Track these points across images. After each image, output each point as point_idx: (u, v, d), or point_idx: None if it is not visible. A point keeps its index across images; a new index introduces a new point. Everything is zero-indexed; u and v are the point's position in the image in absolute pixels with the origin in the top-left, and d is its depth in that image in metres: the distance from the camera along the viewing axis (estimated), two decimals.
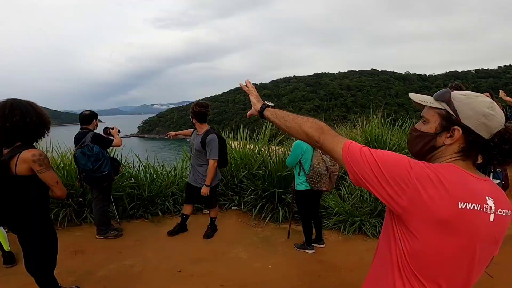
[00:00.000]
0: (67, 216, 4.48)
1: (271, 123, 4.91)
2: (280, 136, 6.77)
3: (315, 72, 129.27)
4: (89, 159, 3.79)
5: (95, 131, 4.13)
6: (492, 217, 1.00)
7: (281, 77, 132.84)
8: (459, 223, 0.96)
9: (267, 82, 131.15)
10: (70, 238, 4.09)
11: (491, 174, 3.40)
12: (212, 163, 3.82)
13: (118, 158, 5.53)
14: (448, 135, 1.05)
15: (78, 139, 4.01)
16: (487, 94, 4.55)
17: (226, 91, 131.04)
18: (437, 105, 1.09)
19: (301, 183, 3.66)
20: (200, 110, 3.92)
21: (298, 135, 1.27)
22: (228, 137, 6.69)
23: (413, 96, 1.19)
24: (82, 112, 4.19)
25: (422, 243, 0.99)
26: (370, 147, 1.09)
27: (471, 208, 0.96)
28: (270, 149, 6.18)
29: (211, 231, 4.27)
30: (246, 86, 1.61)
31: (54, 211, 4.46)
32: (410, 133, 1.19)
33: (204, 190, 3.87)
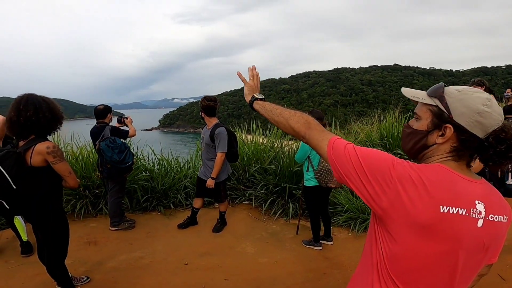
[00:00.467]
0: (83, 208, 4.61)
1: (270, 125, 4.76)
2: None
3: (335, 67, 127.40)
4: (113, 151, 3.91)
5: (110, 124, 4.24)
6: (480, 222, 0.94)
7: (301, 72, 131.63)
8: (440, 228, 0.91)
9: (286, 77, 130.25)
10: (85, 229, 4.21)
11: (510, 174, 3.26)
12: (219, 156, 3.83)
13: (134, 151, 5.68)
14: (440, 133, 1.00)
15: (95, 133, 4.12)
16: (478, 81, 4.30)
17: None
18: (429, 101, 1.03)
19: (309, 179, 3.63)
20: (209, 104, 3.94)
21: (285, 130, 1.26)
22: (245, 131, 6.72)
23: (405, 91, 1.13)
24: (96, 107, 4.30)
25: (401, 247, 0.95)
26: (385, 143, 1.06)
27: (455, 212, 0.91)
28: (283, 144, 6.18)
29: (220, 225, 4.30)
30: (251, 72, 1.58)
31: (71, 202, 4.61)
32: (403, 129, 1.14)
33: (209, 183, 3.89)
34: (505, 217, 1.00)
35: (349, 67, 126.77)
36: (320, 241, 3.81)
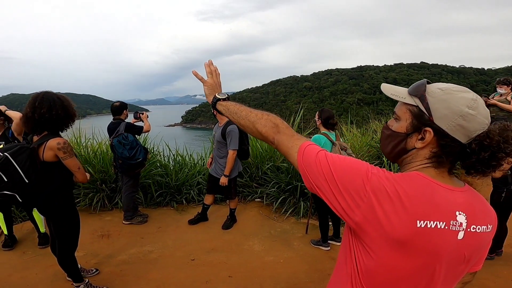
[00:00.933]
0: (100, 201, 4.75)
1: (300, 114, 4.77)
2: (309, 129, 6.71)
3: (359, 65, 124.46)
4: (125, 147, 4.02)
5: (126, 120, 4.34)
6: (461, 234, 0.87)
7: (323, 70, 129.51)
8: (417, 244, 0.84)
9: (308, 74, 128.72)
10: (100, 222, 4.33)
11: None
12: (231, 154, 3.85)
13: (151, 146, 5.81)
14: (419, 137, 0.91)
15: (111, 129, 4.25)
16: (504, 79, 4.02)
17: (266, 82, 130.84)
18: (409, 100, 0.94)
19: None
20: None
21: (253, 134, 1.15)
22: None
23: (385, 88, 1.02)
24: (112, 104, 4.40)
25: (376, 262, 0.88)
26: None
27: (433, 226, 0.83)
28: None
29: (230, 222, 4.32)
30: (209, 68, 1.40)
31: (89, 196, 4.76)
32: (382, 130, 1.04)
33: (223, 180, 3.91)
34: (489, 226, 0.93)
35: (372, 65, 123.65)
36: (329, 241, 3.76)
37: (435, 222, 0.83)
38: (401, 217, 0.82)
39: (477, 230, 0.90)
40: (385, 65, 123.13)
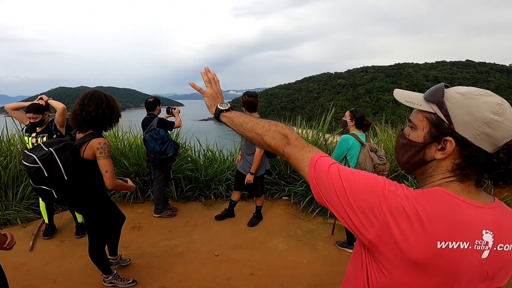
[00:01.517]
0: (133, 194, 4.92)
1: (331, 112, 4.62)
2: (340, 129, 6.55)
3: (397, 62, 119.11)
4: (156, 142, 4.14)
5: (159, 116, 4.45)
6: (485, 254, 0.79)
7: (358, 67, 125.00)
8: (436, 265, 0.77)
9: (343, 71, 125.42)
10: (132, 214, 4.48)
11: None
12: (258, 152, 3.83)
13: (183, 141, 5.93)
14: (439, 147, 0.82)
15: (144, 124, 4.38)
16: None
17: (300, 79, 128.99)
18: (426, 107, 0.85)
19: None
20: (249, 100, 3.95)
21: (262, 147, 1.08)
22: (300, 125, 6.66)
23: (398, 94, 0.94)
24: (147, 99, 4.53)
25: (389, 280, 0.82)
26: None
27: (455, 247, 0.76)
28: (328, 141, 6.02)
29: (256, 219, 4.32)
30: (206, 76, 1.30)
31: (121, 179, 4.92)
32: (397, 138, 0.96)
33: (249, 178, 3.91)
34: None
35: (412, 63, 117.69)
36: (354, 243, 3.65)
37: (458, 243, 0.76)
38: (420, 238, 0.75)
39: (505, 249, 0.82)
40: (425, 63, 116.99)
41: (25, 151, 2.33)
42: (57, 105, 3.55)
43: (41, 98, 3.65)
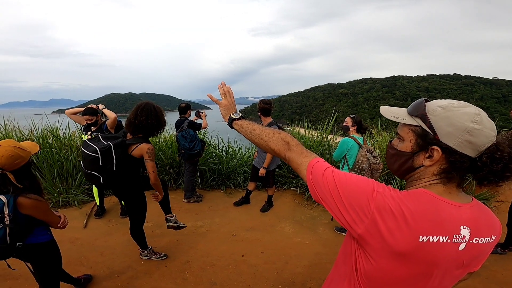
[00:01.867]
0: (168, 182, 4.96)
1: (334, 117, 4.53)
2: (341, 132, 6.41)
3: (392, 75, 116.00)
4: (186, 140, 4.16)
5: (189, 118, 4.47)
6: (462, 246, 0.76)
7: (358, 78, 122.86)
8: (417, 255, 0.74)
9: (344, 82, 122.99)
10: None
11: None
12: None
13: (209, 139, 5.94)
14: (427, 155, 0.79)
15: (177, 125, 4.42)
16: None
17: (307, 88, 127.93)
18: (411, 121, 0.81)
19: None
20: (264, 106, 3.90)
21: (267, 151, 1.05)
22: (307, 127, 6.58)
23: (384, 110, 0.89)
24: (180, 105, 4.56)
25: (375, 267, 0.79)
26: None
27: (435, 240, 0.73)
28: (331, 142, 5.91)
29: (267, 206, 4.28)
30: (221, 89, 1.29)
31: (160, 177, 4.96)
32: (387, 149, 0.92)
33: (261, 171, 3.86)
34: (492, 237, 0.81)
35: (405, 75, 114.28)
36: None
37: (438, 237, 0.73)
38: (404, 233, 0.72)
39: (480, 242, 0.78)
40: (417, 75, 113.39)
41: (85, 140, 2.36)
42: (110, 114, 3.63)
43: (98, 106, 3.77)
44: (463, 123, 0.72)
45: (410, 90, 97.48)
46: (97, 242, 3.24)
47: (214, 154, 5.70)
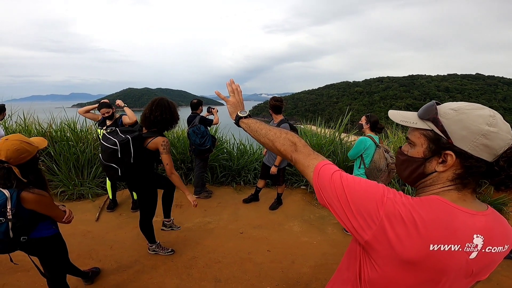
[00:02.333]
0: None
1: (348, 116, 4.47)
2: (355, 130, 6.28)
3: (410, 74, 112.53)
4: (197, 136, 4.17)
5: (201, 114, 4.47)
6: (474, 255, 0.72)
7: (374, 77, 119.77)
8: (427, 264, 0.70)
9: (360, 80, 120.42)
10: (176, 195, 4.47)
11: None
12: None
13: (221, 135, 5.95)
14: (440, 160, 0.74)
15: (189, 120, 4.43)
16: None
17: (321, 86, 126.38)
18: (422, 125, 0.77)
19: (360, 175, 3.30)
20: (275, 104, 3.86)
21: (273, 151, 1.01)
22: (319, 125, 6.51)
23: (393, 114, 0.85)
24: (192, 101, 4.57)
25: (380, 275, 0.75)
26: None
27: (446, 249, 0.69)
28: (343, 140, 5.80)
29: (276, 204, 4.25)
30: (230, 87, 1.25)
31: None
32: (397, 155, 0.87)
33: (273, 170, 3.83)
34: (505, 246, 0.76)
35: (425, 74, 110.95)
36: None
37: (449, 245, 0.69)
38: (414, 241, 0.68)
39: (492, 251, 0.74)
40: (437, 75, 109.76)
41: (105, 133, 2.43)
42: (131, 116, 3.62)
43: (119, 104, 3.80)
44: (478, 126, 0.68)
45: (429, 89, 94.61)
46: (107, 235, 3.29)
47: (225, 150, 5.70)
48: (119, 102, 3.83)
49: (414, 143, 0.79)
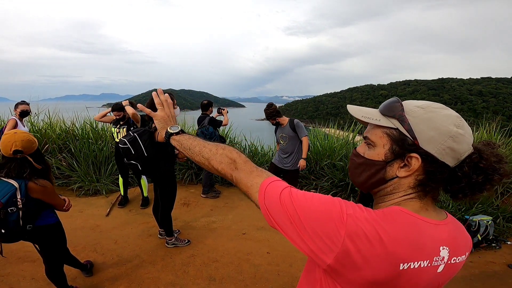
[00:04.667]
0: (189, 177, 5.08)
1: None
2: None
3: (440, 77, 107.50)
4: (205, 137, 4.22)
5: (211, 115, 4.52)
6: (441, 268, 0.65)
7: (400, 80, 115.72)
8: (396, 283, 0.62)
9: (385, 83, 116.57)
10: (185, 193, 4.62)
11: None
12: (306, 140, 3.73)
13: (232, 136, 5.98)
14: (402, 164, 0.65)
15: (199, 121, 4.50)
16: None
17: (344, 89, 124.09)
18: (385, 122, 0.67)
19: None
20: (269, 111, 3.83)
21: (211, 171, 0.88)
22: (336, 127, 6.40)
23: (352, 109, 0.75)
24: (202, 102, 4.64)
25: None
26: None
27: (416, 267, 0.61)
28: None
29: None
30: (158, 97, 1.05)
31: (182, 171, 5.12)
32: (351, 157, 0.76)
33: (302, 163, 3.73)
34: (466, 254, 0.70)
35: (456, 78, 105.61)
36: None
37: (419, 262, 0.61)
38: (383, 261, 0.59)
39: (456, 261, 0.68)
40: (470, 78, 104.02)
41: (120, 139, 2.62)
42: (130, 111, 3.72)
43: (128, 104, 3.94)
44: (447, 127, 0.61)
45: (461, 93, 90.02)
46: (114, 230, 3.39)
47: None
48: (123, 102, 3.95)
49: (374, 144, 0.69)
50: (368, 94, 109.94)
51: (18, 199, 1.68)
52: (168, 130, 0.98)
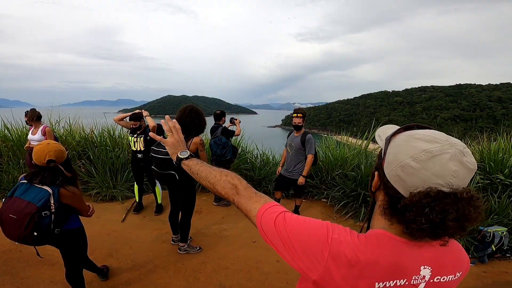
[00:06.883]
0: (201, 185, 5.16)
1: (378, 126, 4.36)
2: None
3: (457, 83, 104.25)
4: (218, 147, 4.32)
5: (224, 125, 4.63)
6: (421, 286, 0.70)
7: (416, 86, 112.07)
8: None
9: (400, 90, 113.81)
10: (197, 201, 4.58)
11: None
12: (310, 158, 3.78)
13: (244, 145, 6.05)
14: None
15: (212, 131, 4.60)
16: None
17: (357, 96, 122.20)
18: (380, 142, 0.80)
19: None
20: (217, 113, 4.18)
21: (216, 194, 0.97)
22: (356, 136, 6.40)
23: (380, 129, 0.86)
24: (215, 111, 4.75)
25: None
26: (485, 167, 0.79)
27: (392, 285, 0.68)
28: (371, 153, 5.59)
29: None
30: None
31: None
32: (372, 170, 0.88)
33: (301, 180, 3.82)
34: (457, 274, 0.74)
35: (474, 83, 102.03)
36: None
37: (395, 281, 0.68)
38: (360, 280, 0.67)
39: (441, 280, 0.71)
40: (489, 84, 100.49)
41: (153, 147, 2.74)
42: (150, 123, 3.87)
43: (142, 112, 4.09)
44: (403, 156, 0.67)
45: (480, 99, 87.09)
46: (129, 235, 3.51)
47: (248, 160, 5.78)
48: (143, 111, 4.09)
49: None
50: (383, 101, 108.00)
51: (51, 204, 1.81)
52: (179, 155, 1.08)
